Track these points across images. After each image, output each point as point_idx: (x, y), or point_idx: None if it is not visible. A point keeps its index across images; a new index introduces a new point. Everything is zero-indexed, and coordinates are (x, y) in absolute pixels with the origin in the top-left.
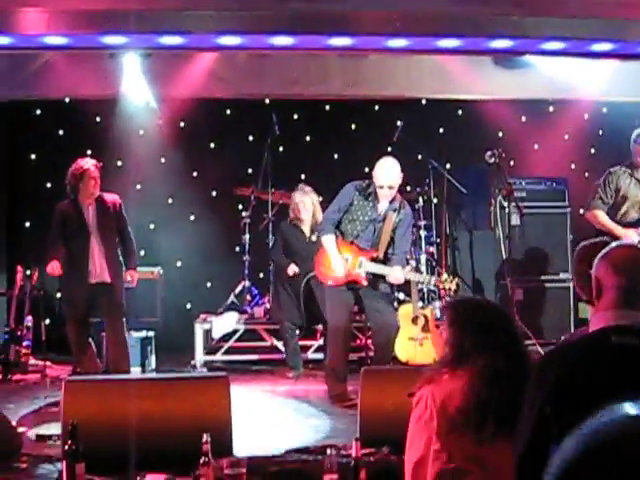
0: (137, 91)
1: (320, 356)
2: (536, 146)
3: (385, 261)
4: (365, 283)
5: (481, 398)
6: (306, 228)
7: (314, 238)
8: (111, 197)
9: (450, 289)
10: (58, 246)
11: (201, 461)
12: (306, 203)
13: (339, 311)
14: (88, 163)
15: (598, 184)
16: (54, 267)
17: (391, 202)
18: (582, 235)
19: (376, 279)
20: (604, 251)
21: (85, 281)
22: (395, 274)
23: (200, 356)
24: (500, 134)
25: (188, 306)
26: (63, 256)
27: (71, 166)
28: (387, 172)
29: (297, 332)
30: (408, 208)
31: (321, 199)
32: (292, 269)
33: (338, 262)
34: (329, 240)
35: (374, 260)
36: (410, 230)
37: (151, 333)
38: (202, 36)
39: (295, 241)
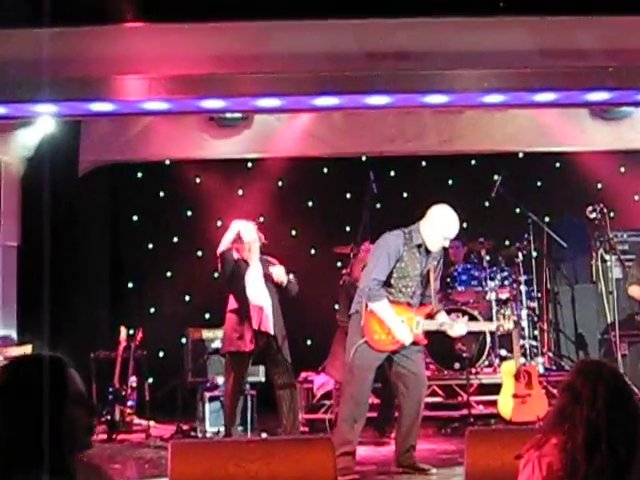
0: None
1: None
2: (636, 197)
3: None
4: (425, 342)
5: (578, 464)
6: None
7: None
8: None
9: (509, 328)
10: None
11: None
12: None
13: (369, 376)
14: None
15: None
16: None
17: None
18: None
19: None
20: None
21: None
22: (459, 330)
23: (301, 415)
24: (599, 185)
25: None
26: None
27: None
28: (456, 224)
29: None
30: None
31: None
32: None
33: (402, 329)
34: (383, 306)
35: (429, 316)
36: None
37: (253, 392)
38: (299, 98)
39: None
